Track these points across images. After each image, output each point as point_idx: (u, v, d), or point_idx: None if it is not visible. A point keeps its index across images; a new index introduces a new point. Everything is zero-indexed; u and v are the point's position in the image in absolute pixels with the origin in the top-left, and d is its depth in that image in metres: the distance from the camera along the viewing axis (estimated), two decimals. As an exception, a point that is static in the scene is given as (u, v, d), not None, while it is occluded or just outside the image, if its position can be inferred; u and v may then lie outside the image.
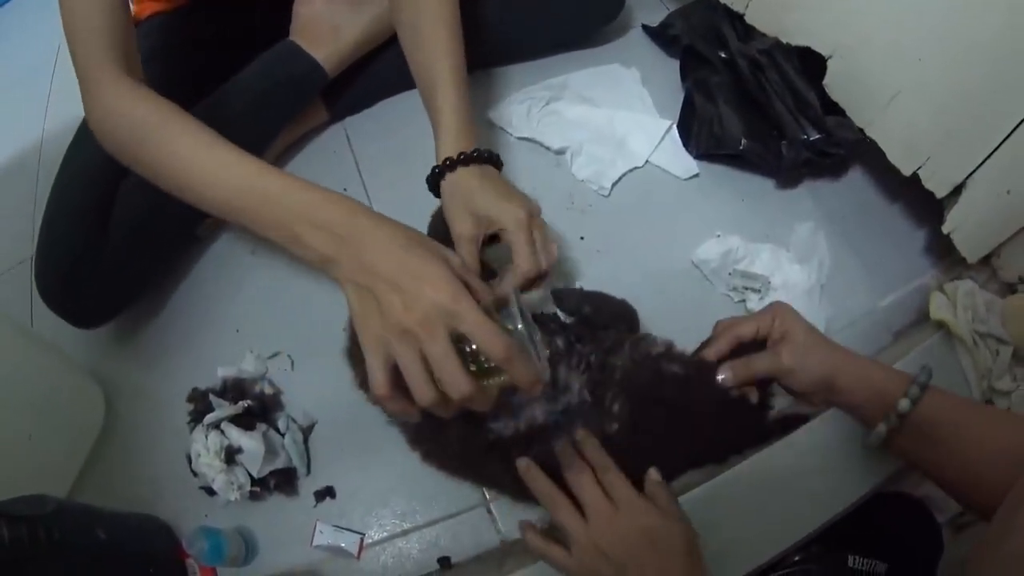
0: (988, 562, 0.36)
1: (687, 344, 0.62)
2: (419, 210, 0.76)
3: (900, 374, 0.48)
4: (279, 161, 0.83)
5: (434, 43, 0.60)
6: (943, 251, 0.73)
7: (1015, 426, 0.45)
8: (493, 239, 0.58)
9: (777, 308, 0.53)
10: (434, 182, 0.59)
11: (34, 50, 0.63)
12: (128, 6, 0.54)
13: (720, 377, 0.53)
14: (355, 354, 0.63)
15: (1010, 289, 0.73)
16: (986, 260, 0.73)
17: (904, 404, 0.45)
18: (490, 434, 0.54)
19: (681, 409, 0.54)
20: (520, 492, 0.56)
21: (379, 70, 0.81)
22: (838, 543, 0.65)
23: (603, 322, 0.58)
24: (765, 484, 0.60)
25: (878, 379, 0.48)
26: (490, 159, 0.59)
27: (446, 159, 0.57)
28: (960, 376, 0.68)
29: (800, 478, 0.61)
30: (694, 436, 0.55)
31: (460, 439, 0.56)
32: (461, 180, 0.57)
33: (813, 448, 0.61)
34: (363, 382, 0.62)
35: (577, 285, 0.68)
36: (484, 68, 0.84)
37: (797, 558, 0.64)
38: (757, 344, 0.53)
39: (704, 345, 0.57)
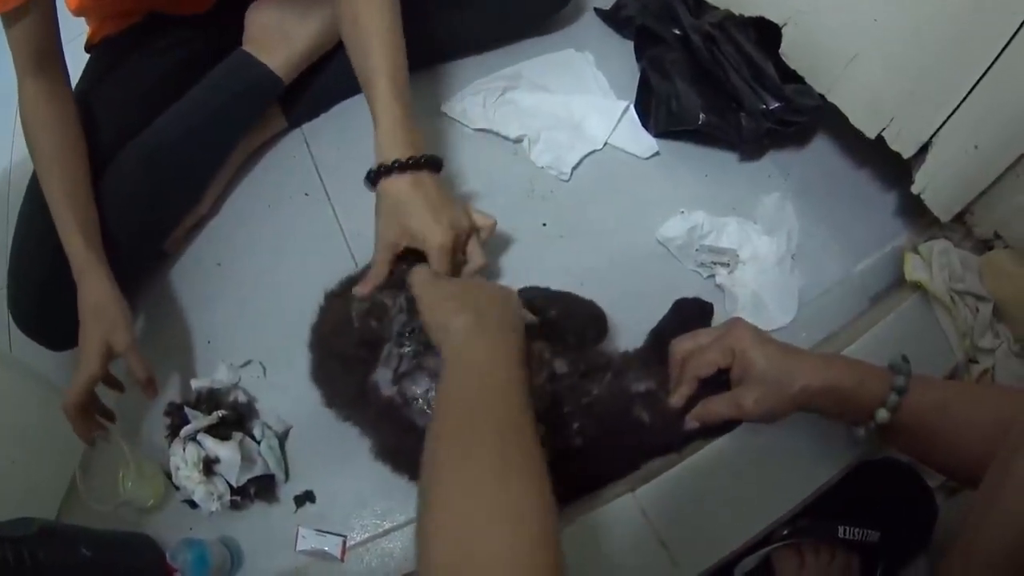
0: (979, 527, 0.36)
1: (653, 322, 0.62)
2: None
3: (875, 377, 0.46)
4: (240, 170, 0.83)
5: (370, 43, 0.61)
6: (916, 212, 0.72)
7: (997, 400, 0.44)
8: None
9: (734, 334, 0.50)
10: (372, 183, 0.61)
11: (1, 76, 0.65)
12: (51, 29, 0.65)
13: (687, 428, 0.53)
14: (318, 376, 0.63)
15: (986, 245, 0.71)
16: (960, 218, 0.71)
17: (882, 414, 0.45)
18: None
19: (642, 444, 0.56)
20: None
21: (333, 74, 0.81)
22: (828, 514, 0.64)
23: (570, 326, 0.58)
24: (748, 458, 0.59)
25: (854, 393, 0.46)
26: (428, 164, 0.60)
27: (380, 165, 0.59)
28: (941, 336, 0.67)
29: (784, 450, 0.60)
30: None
31: (420, 456, 0.56)
32: (394, 188, 0.59)
33: (794, 418, 0.60)
34: (330, 401, 0.63)
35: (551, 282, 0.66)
36: (436, 63, 0.84)
37: (786, 532, 0.63)
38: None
39: (656, 335, 0.57)
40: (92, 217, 0.67)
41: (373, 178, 0.60)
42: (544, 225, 0.73)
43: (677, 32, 0.76)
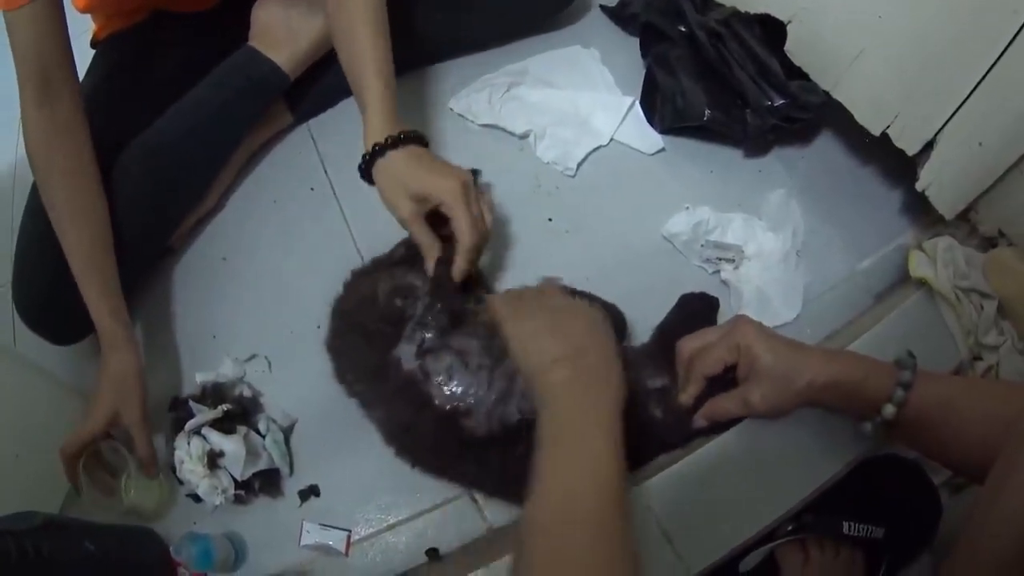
0: (983, 524, 0.36)
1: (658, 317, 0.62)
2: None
3: (880, 372, 0.46)
4: (246, 166, 0.83)
5: (359, 39, 0.62)
6: (920, 210, 0.72)
7: (1003, 395, 0.44)
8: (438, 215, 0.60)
9: (739, 331, 0.50)
10: (366, 171, 0.61)
11: (5, 75, 0.65)
12: (59, 35, 0.61)
13: (696, 426, 0.54)
14: (335, 347, 0.63)
15: (991, 243, 0.71)
16: (964, 215, 0.71)
17: (889, 410, 0.45)
18: (463, 433, 0.54)
19: (652, 441, 0.56)
20: (499, 491, 0.56)
21: (339, 70, 0.80)
22: (832, 510, 0.64)
23: None
24: (753, 453, 0.59)
25: (859, 388, 0.46)
26: (416, 139, 0.61)
27: (374, 144, 0.60)
28: (945, 333, 0.67)
29: (789, 445, 0.59)
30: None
31: (433, 436, 0.56)
32: (391, 164, 0.60)
33: (800, 414, 0.60)
34: (343, 375, 0.62)
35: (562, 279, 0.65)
36: (442, 60, 0.84)
37: (790, 527, 0.63)
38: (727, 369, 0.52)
39: (662, 331, 0.58)
40: (113, 273, 0.66)
41: (368, 161, 0.61)
42: (550, 220, 0.73)
43: (682, 29, 0.76)
